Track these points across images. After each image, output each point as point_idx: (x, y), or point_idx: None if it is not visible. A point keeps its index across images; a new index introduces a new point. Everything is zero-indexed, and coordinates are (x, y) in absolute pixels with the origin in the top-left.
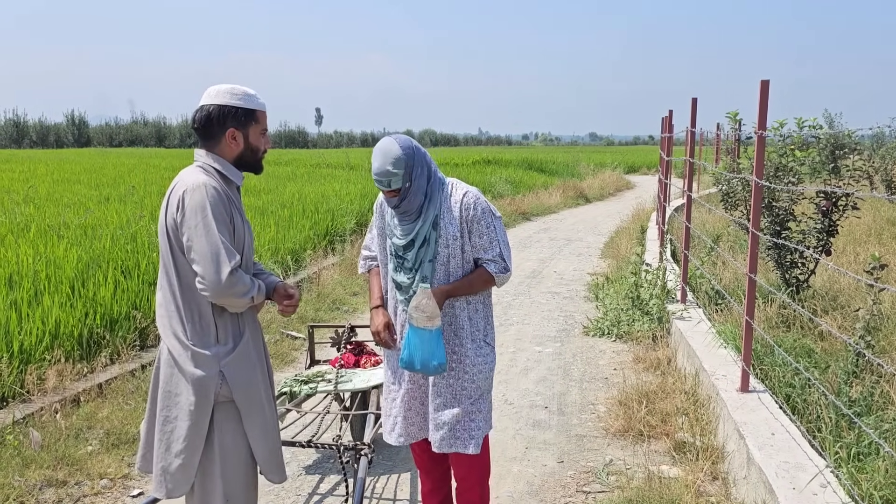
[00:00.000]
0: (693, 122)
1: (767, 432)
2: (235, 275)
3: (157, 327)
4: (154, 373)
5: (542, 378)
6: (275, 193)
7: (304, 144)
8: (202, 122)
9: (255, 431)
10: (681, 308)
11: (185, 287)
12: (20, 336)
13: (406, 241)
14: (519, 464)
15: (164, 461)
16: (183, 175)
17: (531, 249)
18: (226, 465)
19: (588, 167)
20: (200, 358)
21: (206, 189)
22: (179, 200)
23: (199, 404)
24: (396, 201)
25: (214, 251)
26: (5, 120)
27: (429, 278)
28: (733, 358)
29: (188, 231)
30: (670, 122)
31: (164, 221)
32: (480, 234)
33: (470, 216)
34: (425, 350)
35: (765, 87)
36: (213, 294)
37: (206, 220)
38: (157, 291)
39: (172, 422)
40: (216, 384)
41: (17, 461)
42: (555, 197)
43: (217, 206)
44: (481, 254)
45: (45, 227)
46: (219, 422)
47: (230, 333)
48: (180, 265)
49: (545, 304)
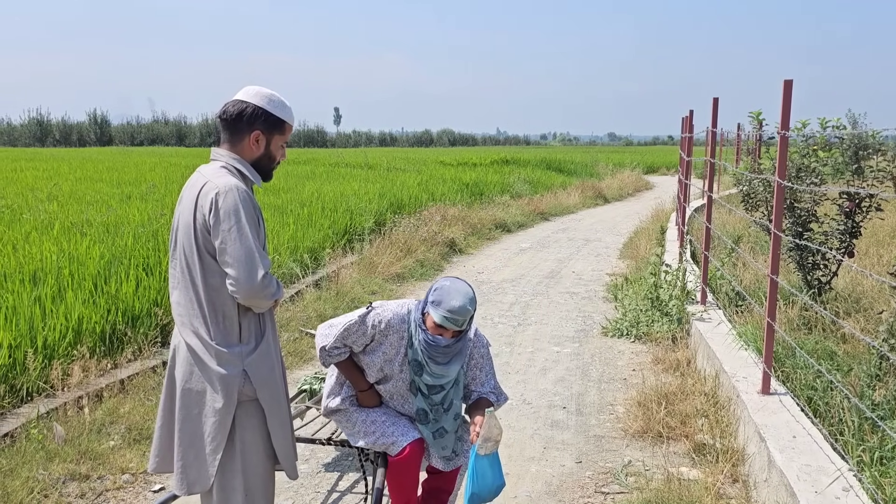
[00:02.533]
0: (714, 123)
1: (789, 435)
2: (267, 277)
3: (176, 325)
4: (169, 371)
5: (561, 378)
6: (294, 192)
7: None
8: (234, 115)
9: (276, 428)
10: (700, 309)
11: (209, 287)
12: (44, 332)
13: (441, 382)
14: (537, 464)
15: (185, 459)
16: (207, 173)
17: (549, 249)
18: (246, 461)
19: (607, 167)
20: (224, 357)
21: (238, 192)
22: (212, 203)
23: (223, 402)
24: (452, 341)
25: (249, 255)
26: (29, 119)
27: (459, 415)
28: (754, 360)
29: (222, 234)
30: (691, 122)
31: (190, 221)
32: (481, 367)
33: (475, 353)
34: (491, 476)
35: (788, 86)
36: (245, 297)
37: (240, 223)
38: (171, 290)
39: (194, 420)
40: (239, 383)
41: (41, 455)
42: (573, 197)
43: (248, 209)
44: (477, 387)
45: (69, 225)
46: (240, 418)
47: (253, 332)
48: (206, 265)
49: (563, 305)
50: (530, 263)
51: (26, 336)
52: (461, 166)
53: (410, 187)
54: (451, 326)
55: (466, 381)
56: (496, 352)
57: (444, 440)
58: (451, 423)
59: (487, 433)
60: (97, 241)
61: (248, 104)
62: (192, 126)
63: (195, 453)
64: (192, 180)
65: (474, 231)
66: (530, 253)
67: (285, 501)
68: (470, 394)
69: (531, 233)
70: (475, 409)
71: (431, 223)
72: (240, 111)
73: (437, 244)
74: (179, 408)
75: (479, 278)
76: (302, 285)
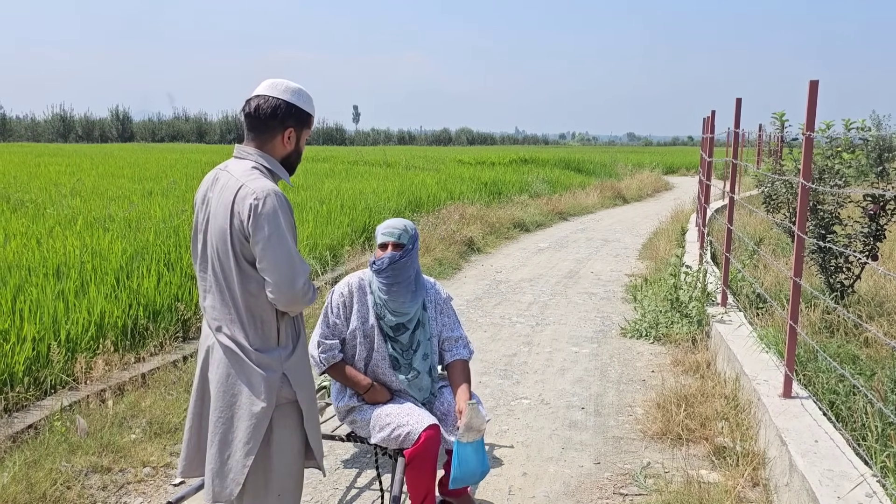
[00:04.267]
0: (737, 123)
1: (811, 439)
2: (307, 283)
3: (210, 329)
4: (200, 373)
5: (579, 378)
6: (313, 190)
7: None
8: (268, 113)
9: (312, 428)
10: (721, 311)
11: (247, 293)
12: (67, 325)
13: (400, 321)
14: (555, 464)
15: (217, 463)
16: (238, 175)
17: (568, 249)
18: (281, 462)
19: (626, 167)
20: (264, 361)
21: (277, 197)
22: (251, 209)
23: (263, 406)
24: (397, 256)
25: (289, 262)
26: (52, 115)
27: (429, 356)
28: (775, 363)
29: (262, 241)
30: (712, 122)
31: (226, 227)
32: (448, 314)
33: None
34: (475, 461)
35: (814, 87)
36: (285, 303)
37: (280, 230)
38: (203, 295)
39: (228, 423)
40: (278, 386)
41: (64, 447)
42: (592, 197)
43: (287, 214)
44: (447, 332)
45: (92, 220)
46: (276, 420)
47: (290, 335)
48: (244, 271)
49: (582, 305)
50: (549, 263)
51: (49, 329)
52: (479, 165)
53: (429, 186)
54: (388, 238)
55: (438, 328)
56: (514, 351)
57: (419, 381)
58: (421, 364)
59: (469, 422)
60: (119, 237)
61: (280, 100)
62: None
63: (228, 456)
64: (223, 182)
65: (493, 230)
66: (549, 253)
67: (304, 497)
68: (442, 343)
69: (550, 232)
70: (453, 376)
71: (450, 222)
72: (273, 108)
73: (455, 243)
74: (213, 409)
75: (498, 277)
76: (321, 282)
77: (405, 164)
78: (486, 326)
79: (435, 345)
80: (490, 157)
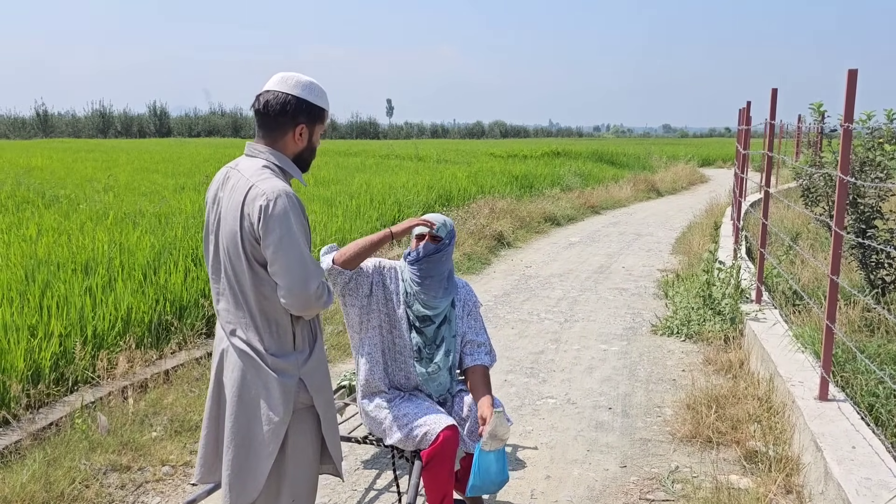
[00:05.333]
0: (773, 115)
1: (847, 445)
2: (321, 287)
3: (225, 333)
4: (216, 377)
5: (607, 377)
6: (343, 184)
7: (374, 135)
8: (277, 109)
9: (330, 433)
10: (755, 308)
11: (260, 296)
12: (93, 321)
13: (427, 313)
14: (580, 467)
15: (233, 468)
16: (248, 175)
17: (599, 244)
18: (295, 467)
19: (660, 160)
20: (280, 366)
21: (288, 199)
22: (261, 211)
23: (280, 412)
24: (434, 250)
25: (301, 265)
26: (92, 111)
27: (451, 353)
28: (811, 363)
29: (273, 244)
30: (748, 113)
31: (236, 230)
32: (475, 317)
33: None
34: (495, 471)
35: (853, 77)
36: (299, 308)
37: (291, 233)
38: (217, 298)
39: (244, 428)
40: (295, 392)
41: (84, 445)
42: (625, 190)
43: (298, 215)
44: (472, 335)
45: (122, 215)
46: (293, 425)
47: (306, 339)
48: (257, 274)
49: (612, 301)
50: (579, 258)
51: (76, 325)
52: (511, 158)
53: (460, 179)
54: (424, 230)
55: (463, 329)
56: (541, 348)
57: (437, 376)
58: (442, 360)
59: (494, 430)
60: (148, 232)
61: (290, 96)
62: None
63: (246, 462)
64: (233, 181)
65: (523, 224)
66: (580, 247)
67: (322, 499)
68: (464, 345)
69: (581, 226)
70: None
71: (479, 216)
72: (283, 104)
73: (484, 237)
74: (230, 415)
75: (527, 272)
76: None
77: (436, 157)
78: (513, 323)
79: (458, 344)
80: (522, 150)
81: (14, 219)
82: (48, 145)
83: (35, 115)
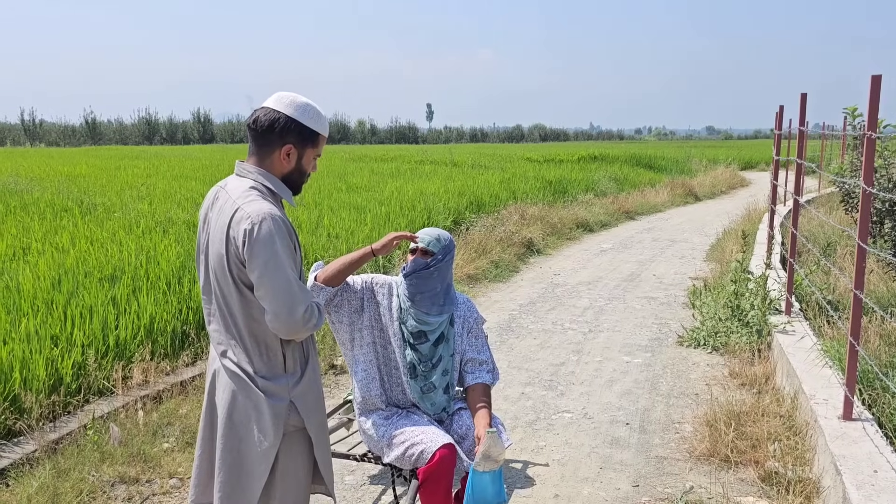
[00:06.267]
0: (801, 120)
1: (869, 469)
2: (308, 311)
3: (216, 354)
4: (208, 397)
5: (627, 391)
6: (375, 190)
7: (413, 140)
8: (265, 126)
9: (323, 455)
10: (784, 321)
11: (249, 319)
12: (116, 331)
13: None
14: (590, 485)
15: (224, 490)
16: (235, 195)
17: (631, 251)
18: (285, 489)
19: (700, 163)
20: (270, 389)
21: (274, 221)
22: (245, 234)
23: (270, 436)
24: (424, 266)
25: (287, 290)
26: (138, 119)
27: (449, 373)
28: (838, 380)
29: (258, 269)
30: (780, 118)
31: (222, 253)
32: (476, 335)
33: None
34: (491, 492)
35: (876, 83)
36: (286, 333)
37: (277, 257)
38: (208, 319)
39: (235, 450)
40: (286, 415)
41: (95, 456)
42: (662, 195)
43: (284, 238)
44: (473, 353)
45: (154, 224)
46: (283, 448)
47: (297, 361)
48: (245, 297)
49: (640, 310)
50: (610, 265)
51: (99, 335)
52: (547, 163)
53: (492, 185)
54: (420, 244)
55: (463, 347)
56: (562, 360)
57: (433, 396)
58: (439, 379)
59: (487, 451)
60: (176, 241)
61: (281, 114)
62: None
63: (237, 484)
64: (221, 202)
65: (554, 231)
66: (611, 254)
67: None
68: (465, 363)
69: (614, 233)
70: (472, 399)
71: (509, 222)
72: (271, 122)
73: (513, 244)
74: (220, 436)
75: (555, 280)
76: None
77: (471, 162)
78: (536, 333)
79: (457, 362)
80: (559, 154)
81: (50, 227)
82: (95, 153)
83: (84, 123)
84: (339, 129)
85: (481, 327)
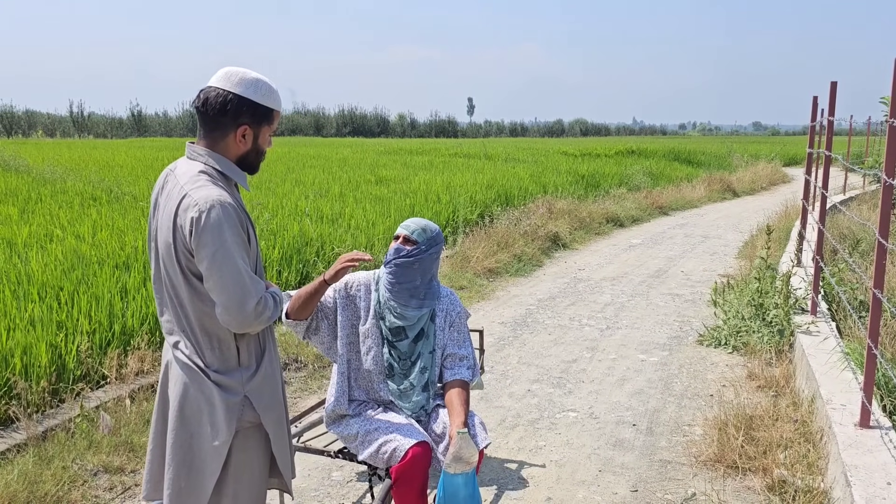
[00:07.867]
0: (831, 110)
1: (882, 480)
2: (261, 304)
3: (168, 346)
4: (161, 389)
5: (639, 391)
6: (404, 183)
7: (453, 134)
8: (216, 108)
9: (281, 450)
10: (808, 321)
11: (199, 311)
12: (122, 319)
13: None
14: (586, 489)
15: (174, 487)
16: (183, 181)
17: (661, 246)
18: (239, 486)
19: (741, 158)
20: (223, 383)
21: (223, 208)
22: (192, 223)
23: (222, 432)
24: (405, 253)
25: (237, 281)
26: (183, 111)
27: (428, 370)
28: (858, 384)
29: (206, 259)
30: (815, 109)
31: (170, 241)
32: (458, 329)
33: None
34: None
35: None
36: (237, 327)
37: (225, 246)
38: (160, 310)
39: (186, 445)
40: (239, 410)
41: (83, 444)
42: (698, 190)
43: (234, 226)
44: (454, 348)
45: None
46: (236, 444)
47: (252, 354)
48: (194, 288)
49: (662, 307)
50: (637, 261)
51: (105, 322)
52: (583, 157)
53: (521, 178)
54: (401, 231)
55: (444, 342)
56: (574, 357)
57: (410, 395)
58: (417, 377)
59: (458, 452)
60: None
61: (232, 94)
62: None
63: (187, 481)
64: (169, 187)
65: (582, 225)
66: (639, 249)
67: None
68: (445, 359)
69: (645, 228)
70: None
71: (535, 216)
72: (223, 103)
73: (538, 238)
74: (171, 430)
75: (578, 275)
76: None
77: (504, 156)
78: (551, 329)
79: (437, 358)
80: (596, 148)
81: (76, 215)
82: (139, 144)
83: (130, 116)
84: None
85: (465, 321)
